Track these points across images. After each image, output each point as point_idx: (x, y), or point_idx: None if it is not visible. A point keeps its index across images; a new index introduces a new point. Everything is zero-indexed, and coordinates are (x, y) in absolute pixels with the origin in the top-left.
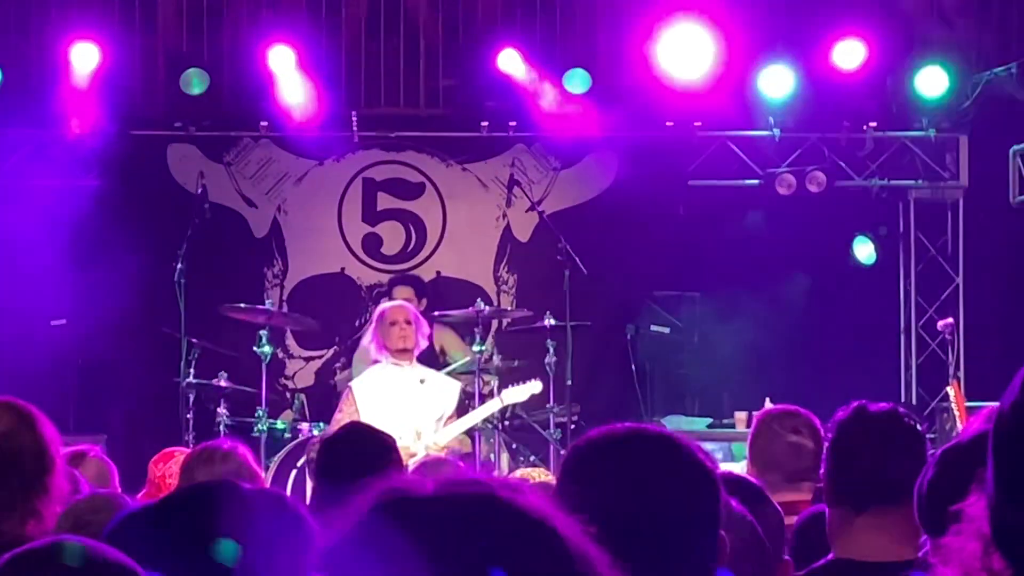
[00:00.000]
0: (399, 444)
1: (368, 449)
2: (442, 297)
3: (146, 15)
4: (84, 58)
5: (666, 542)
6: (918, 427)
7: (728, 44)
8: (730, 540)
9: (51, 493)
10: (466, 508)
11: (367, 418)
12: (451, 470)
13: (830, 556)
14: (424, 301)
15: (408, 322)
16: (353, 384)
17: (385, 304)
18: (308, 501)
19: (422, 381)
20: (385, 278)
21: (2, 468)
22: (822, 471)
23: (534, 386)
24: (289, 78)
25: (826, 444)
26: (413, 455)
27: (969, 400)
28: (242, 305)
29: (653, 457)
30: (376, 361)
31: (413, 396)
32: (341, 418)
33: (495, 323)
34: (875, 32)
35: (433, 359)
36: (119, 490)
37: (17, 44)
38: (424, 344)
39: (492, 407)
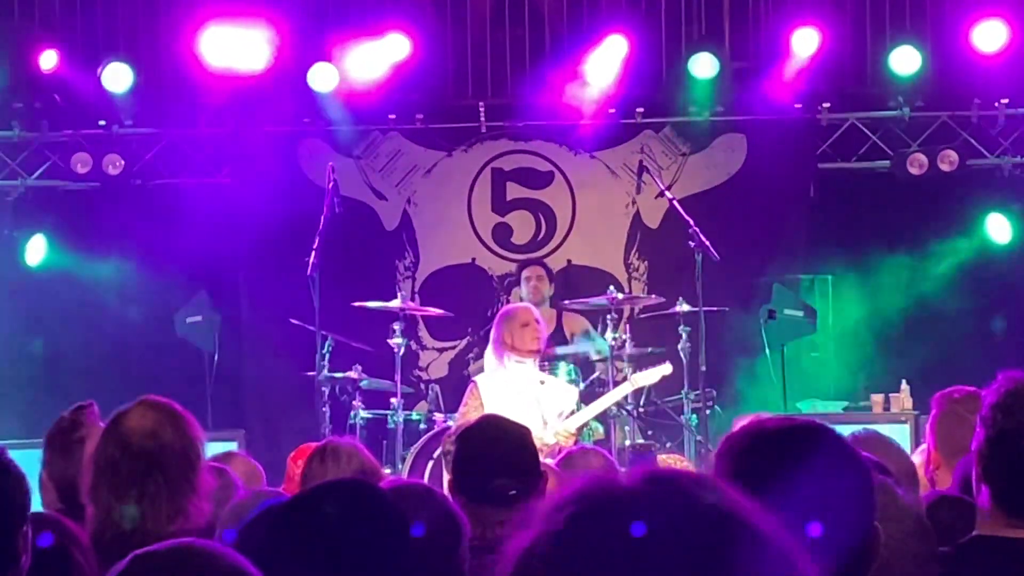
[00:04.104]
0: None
1: (504, 439)
2: (573, 285)
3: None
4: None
5: (825, 533)
6: None
7: (853, 24)
8: (889, 531)
9: (198, 491)
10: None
11: (492, 412)
12: (600, 460)
13: (976, 532)
14: (553, 286)
15: (538, 321)
16: (478, 379)
17: (512, 305)
18: (446, 492)
19: (542, 382)
20: (515, 268)
21: (147, 466)
22: (975, 447)
23: (664, 368)
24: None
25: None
26: (545, 444)
27: None
28: (372, 304)
29: (811, 449)
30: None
31: (535, 393)
32: (465, 411)
33: (627, 310)
34: (1011, 9)
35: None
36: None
37: (148, 42)
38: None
39: (623, 390)
